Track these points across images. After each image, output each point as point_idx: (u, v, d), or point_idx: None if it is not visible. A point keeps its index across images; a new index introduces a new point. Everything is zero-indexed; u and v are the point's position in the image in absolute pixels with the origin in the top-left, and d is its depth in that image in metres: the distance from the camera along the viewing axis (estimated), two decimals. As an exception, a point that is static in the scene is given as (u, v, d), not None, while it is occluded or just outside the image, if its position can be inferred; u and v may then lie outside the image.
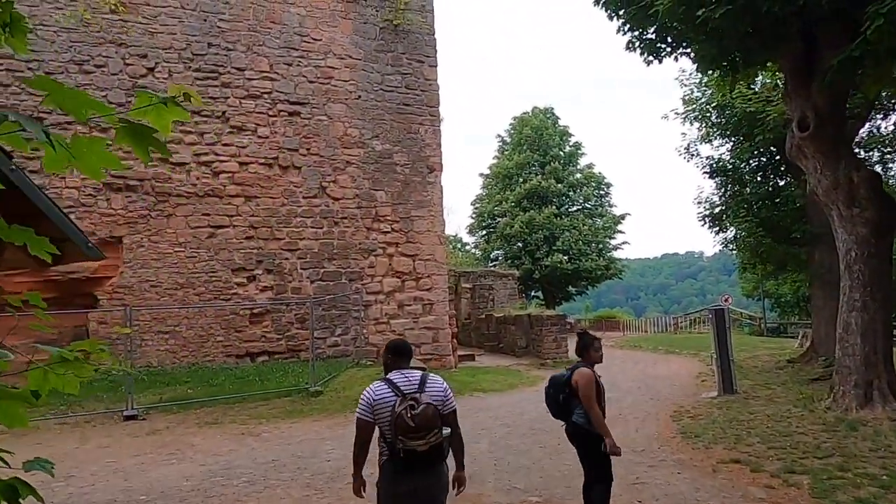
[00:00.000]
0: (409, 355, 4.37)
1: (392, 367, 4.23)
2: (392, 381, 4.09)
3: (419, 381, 4.13)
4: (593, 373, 5.33)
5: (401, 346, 4.38)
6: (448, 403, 4.14)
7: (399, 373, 4.18)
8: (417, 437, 3.87)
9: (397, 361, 4.27)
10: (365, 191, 16.01)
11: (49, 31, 13.56)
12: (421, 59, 16.87)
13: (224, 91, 14.86)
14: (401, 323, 16.06)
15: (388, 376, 4.15)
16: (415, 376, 4.19)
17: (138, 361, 13.76)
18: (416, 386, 4.08)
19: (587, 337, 5.64)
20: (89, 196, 13.69)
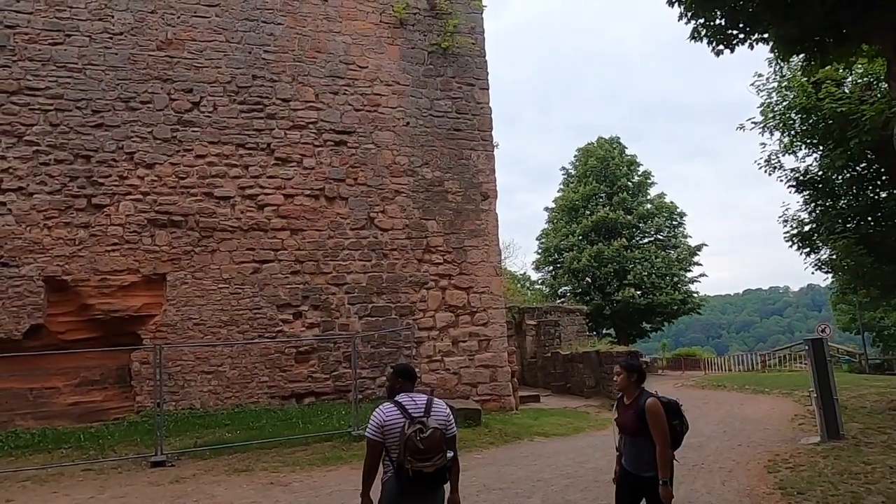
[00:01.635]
0: (414, 379, 4.53)
1: (399, 389, 4.38)
2: (401, 403, 4.28)
3: (425, 405, 4.33)
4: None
5: (407, 370, 4.55)
6: (450, 428, 4.30)
7: (407, 396, 4.36)
8: (426, 458, 4.06)
9: (404, 385, 4.43)
10: (415, 221, 15.18)
11: (97, 70, 13.56)
12: (471, 82, 16.11)
13: (269, 123, 14.48)
14: (455, 361, 14.94)
15: (397, 399, 4.34)
16: (421, 400, 4.37)
17: (181, 403, 13.20)
18: (422, 409, 4.28)
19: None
20: (134, 233, 13.41)
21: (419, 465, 4.07)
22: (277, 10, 14.84)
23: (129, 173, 13.51)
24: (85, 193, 13.23)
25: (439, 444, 4.17)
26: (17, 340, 12.50)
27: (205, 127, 14.05)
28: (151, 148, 13.68)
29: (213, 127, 14.09)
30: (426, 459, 4.11)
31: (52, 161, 13.10)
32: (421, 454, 4.10)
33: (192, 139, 13.92)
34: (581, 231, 37.11)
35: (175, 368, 13.27)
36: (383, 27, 15.60)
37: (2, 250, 12.64)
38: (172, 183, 13.74)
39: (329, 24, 15.18)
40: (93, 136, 13.37)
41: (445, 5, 15.94)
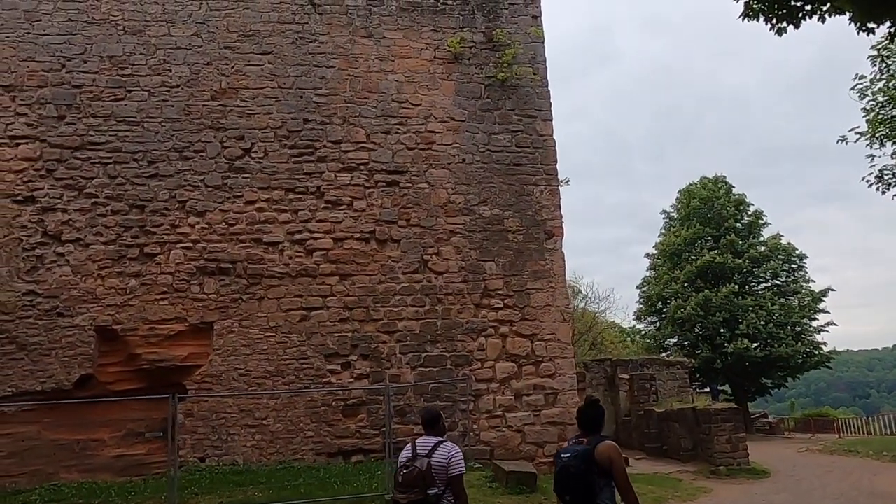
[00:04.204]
0: (432, 423, 5.44)
1: (424, 432, 5.43)
2: (415, 444, 5.30)
3: (431, 447, 5.17)
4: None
5: (425, 417, 5.54)
6: (452, 468, 5.07)
7: (424, 438, 5.36)
8: (402, 492, 5.01)
9: (425, 429, 5.43)
10: (472, 262, 14.07)
11: (154, 123, 13.80)
12: (532, 113, 15.06)
13: (319, 166, 14.09)
14: (519, 417, 13.42)
15: (415, 441, 5.37)
16: (431, 442, 5.25)
17: (224, 458, 12.57)
18: (427, 450, 5.15)
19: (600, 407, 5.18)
20: (183, 281, 13.23)
21: (398, 496, 5.07)
22: (329, 53, 14.64)
23: (181, 221, 13.45)
24: (138, 243, 13.26)
25: (415, 481, 4.98)
26: (68, 391, 12.45)
27: (255, 173, 13.85)
28: (203, 196, 13.61)
29: (263, 172, 13.87)
30: (402, 493, 5.03)
31: (108, 212, 13.29)
32: (399, 487, 5.08)
33: (242, 185, 13.75)
34: (685, 277, 34.30)
35: (218, 421, 12.74)
36: (437, 63, 15.00)
37: (58, 300, 12.80)
38: (222, 230, 13.54)
39: (381, 64, 14.78)
40: (147, 186, 13.49)
41: (503, 36, 15.14)
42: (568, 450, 4.91)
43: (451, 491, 5.09)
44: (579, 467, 4.65)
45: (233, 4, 14.57)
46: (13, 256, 12.86)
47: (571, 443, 4.99)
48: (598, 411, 5.03)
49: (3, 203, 13.05)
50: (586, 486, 4.62)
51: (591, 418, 4.97)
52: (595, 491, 4.61)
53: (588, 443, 4.79)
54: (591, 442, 4.79)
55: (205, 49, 14.25)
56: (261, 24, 14.55)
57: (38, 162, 13.32)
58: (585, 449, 4.70)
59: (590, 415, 4.98)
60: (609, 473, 4.65)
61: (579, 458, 4.69)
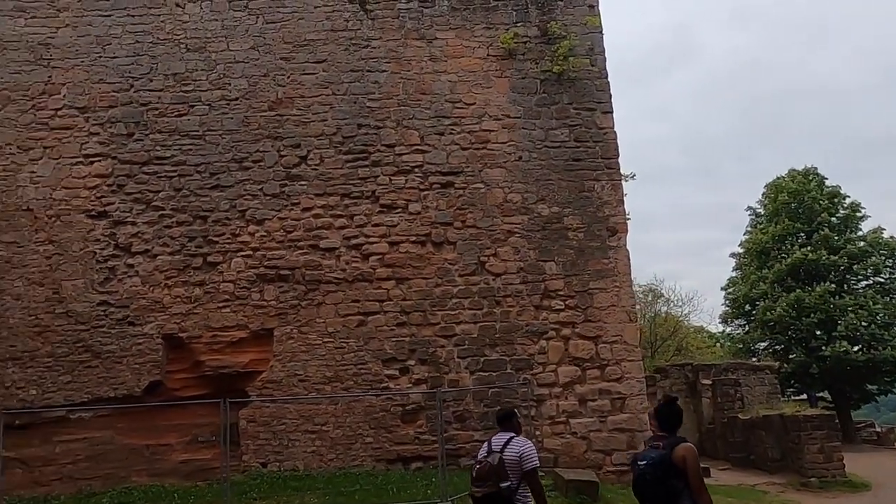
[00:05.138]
0: (505, 420, 6.02)
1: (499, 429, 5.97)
2: (490, 440, 5.84)
3: (504, 442, 5.61)
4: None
5: (499, 415, 6.22)
6: (526, 462, 5.44)
7: (500, 434, 5.84)
8: (476, 486, 5.41)
9: (500, 425, 6.03)
10: (531, 263, 13.59)
11: (215, 135, 14.17)
12: (591, 106, 14.45)
13: (374, 170, 14.04)
14: (583, 423, 12.78)
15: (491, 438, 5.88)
16: (504, 437, 5.72)
17: (285, 464, 12.64)
18: (500, 445, 5.59)
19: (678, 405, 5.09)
20: (244, 289, 13.46)
21: (474, 490, 5.38)
22: (381, 57, 14.61)
23: (241, 230, 13.71)
24: (201, 252, 13.60)
25: (488, 474, 5.26)
26: (138, 397, 12.88)
27: (311, 180, 13.96)
28: (261, 204, 13.83)
29: (319, 179, 13.96)
30: (476, 486, 5.35)
31: (174, 223, 13.71)
32: (474, 481, 5.42)
33: (299, 193, 13.88)
34: (774, 276, 32.20)
35: (279, 427, 12.83)
36: (490, 60, 14.67)
37: (129, 310, 13.30)
38: (280, 237, 13.69)
39: (433, 65, 14.61)
40: (209, 197, 13.84)
41: (558, 29, 14.64)
42: (644, 456, 4.87)
43: (528, 485, 5.42)
44: (656, 474, 4.63)
45: (287, 16, 14.80)
46: (88, 269, 13.48)
47: (648, 447, 4.99)
48: (675, 409, 4.98)
49: (78, 218, 13.73)
50: (665, 492, 4.61)
51: (668, 416, 4.92)
52: (674, 497, 4.58)
53: (664, 446, 4.74)
54: (667, 445, 4.74)
55: (261, 61, 14.53)
56: (314, 34, 14.70)
57: (110, 178, 13.93)
58: (661, 454, 4.66)
59: (667, 412, 4.94)
60: (684, 475, 4.60)
61: (656, 465, 4.67)
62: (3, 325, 13.13)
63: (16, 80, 14.32)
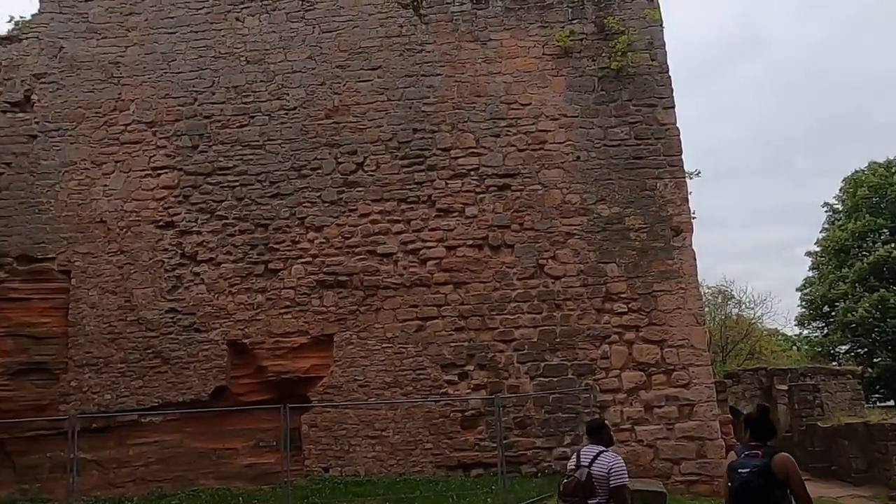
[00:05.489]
0: (596, 432, 5.79)
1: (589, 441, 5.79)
2: (579, 454, 5.67)
3: (593, 456, 5.44)
4: None
5: (589, 426, 5.97)
6: (614, 478, 5.26)
7: (589, 446, 5.67)
8: (564, 501, 5.37)
9: (590, 437, 5.80)
10: (591, 265, 13.23)
11: (275, 145, 14.44)
12: (652, 102, 13.97)
13: (430, 174, 13.99)
14: (649, 431, 12.31)
15: (580, 450, 5.74)
16: (593, 451, 5.54)
17: (346, 469, 12.71)
18: (589, 460, 5.42)
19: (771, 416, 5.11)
20: (304, 295, 13.63)
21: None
22: (436, 61, 14.56)
23: (301, 237, 13.90)
24: (263, 260, 13.87)
25: (575, 490, 5.22)
26: (205, 401, 13.21)
27: (368, 186, 14.03)
28: (320, 211, 13.99)
29: (375, 185, 14.02)
30: (564, 501, 5.32)
31: (236, 232, 14.04)
32: (562, 496, 5.38)
33: (356, 199, 13.97)
34: (855, 276, 30.47)
35: (340, 432, 12.92)
36: (546, 60, 14.40)
37: (195, 317, 13.68)
38: (339, 243, 13.81)
39: (488, 67, 14.45)
40: (270, 205, 14.10)
41: (616, 24, 14.23)
42: (744, 464, 4.79)
43: (614, 501, 5.29)
44: (760, 482, 4.62)
45: (343, 25, 14.96)
46: (157, 277, 13.95)
47: (743, 455, 4.88)
48: (770, 420, 5.01)
49: (147, 229, 14.24)
50: (766, 501, 4.61)
51: (762, 425, 4.93)
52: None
53: (763, 455, 4.74)
54: (765, 454, 4.74)
55: (318, 70, 14.72)
56: (369, 41, 14.79)
57: (176, 189, 14.40)
58: (763, 463, 4.66)
59: (761, 422, 4.94)
60: (785, 486, 4.62)
61: (758, 473, 4.65)
62: (79, 333, 13.75)
63: (89, 98, 15.00)
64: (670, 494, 10.86)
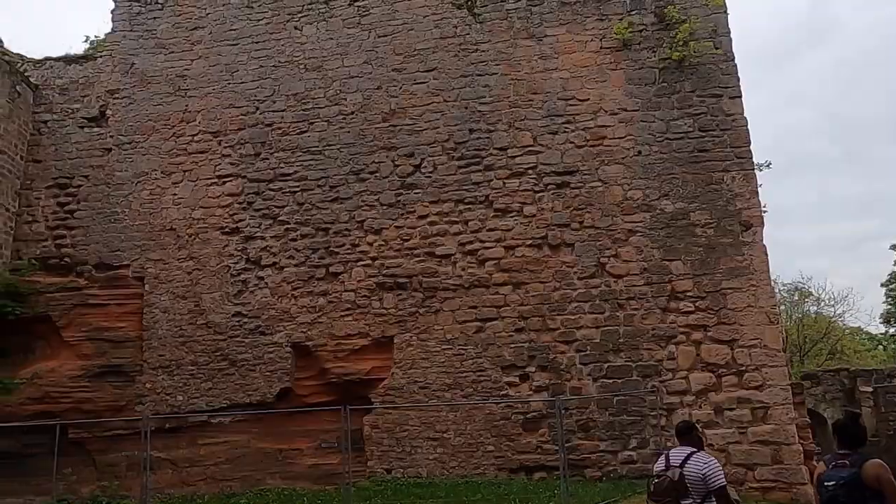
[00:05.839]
0: (685, 433, 5.70)
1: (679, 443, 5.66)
2: (668, 455, 5.54)
3: (684, 457, 5.35)
4: None
5: (683, 427, 5.83)
6: (711, 480, 5.18)
7: (679, 448, 5.57)
8: (654, 499, 5.27)
9: (679, 439, 5.70)
10: (655, 263, 12.80)
11: (333, 150, 14.65)
12: (717, 92, 13.40)
13: (487, 174, 13.88)
14: (720, 434, 11.76)
15: (668, 452, 5.64)
16: (685, 452, 5.44)
17: (408, 471, 12.73)
18: (680, 460, 5.33)
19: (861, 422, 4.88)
20: (364, 297, 13.76)
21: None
22: (491, 60, 14.44)
23: (360, 240, 14.04)
24: (324, 263, 14.09)
25: (667, 491, 5.13)
26: (270, 403, 13.52)
27: (425, 187, 14.04)
28: (378, 214, 14.10)
29: (433, 186, 14.01)
30: (655, 500, 5.23)
31: (298, 236, 14.32)
32: (652, 496, 5.29)
33: (414, 201, 14.00)
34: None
35: (402, 433, 12.95)
36: (604, 53, 14.05)
37: (260, 320, 14.02)
38: (397, 246, 13.88)
39: (544, 63, 14.22)
40: (330, 209, 14.32)
41: (676, 13, 13.74)
42: (831, 476, 4.61)
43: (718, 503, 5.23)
44: (851, 496, 4.42)
45: (398, 28, 15.05)
46: (224, 282, 14.38)
47: (831, 466, 4.71)
48: (861, 426, 4.84)
49: (214, 235, 14.70)
50: None
51: (852, 432, 4.73)
52: None
53: (851, 465, 4.54)
54: (854, 463, 4.53)
55: (374, 74, 14.86)
56: (424, 43, 14.83)
57: (241, 196, 14.81)
58: (851, 473, 4.46)
59: (851, 428, 4.75)
60: (881, 495, 4.38)
61: (847, 486, 4.45)
62: (153, 336, 14.32)
63: (158, 111, 15.64)
64: (745, 501, 10.34)
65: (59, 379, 13.97)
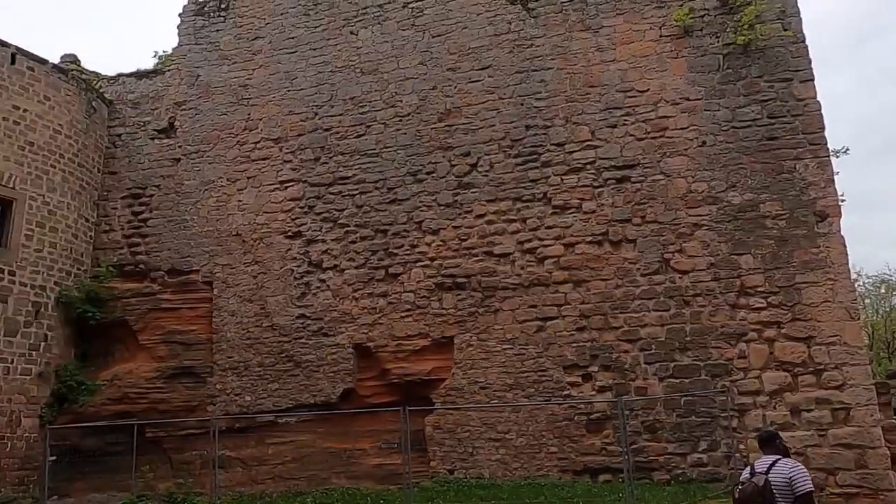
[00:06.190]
0: (768, 442, 5.60)
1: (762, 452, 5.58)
2: (752, 464, 5.58)
3: (769, 465, 5.28)
4: None
5: (765, 436, 5.75)
6: (798, 485, 5.09)
7: (764, 457, 5.48)
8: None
9: (762, 448, 5.62)
10: (723, 257, 12.27)
11: (390, 151, 14.75)
12: (787, 76, 12.71)
13: (544, 171, 13.65)
14: (798, 437, 11.13)
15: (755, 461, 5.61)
16: (770, 459, 5.36)
17: (470, 471, 12.68)
18: (764, 468, 5.26)
19: None
20: (423, 298, 13.79)
21: None
22: (546, 55, 14.20)
23: (418, 241, 14.09)
24: (383, 265, 14.20)
25: (752, 497, 5.06)
26: (334, 403, 13.74)
27: (482, 186, 13.95)
28: (436, 214, 14.10)
29: (490, 185, 13.91)
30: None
31: (357, 239, 14.50)
32: (737, 502, 5.21)
33: (471, 200, 13.94)
34: None
35: (463, 434, 12.91)
36: (664, 42, 13.58)
37: (323, 322, 14.27)
38: (455, 246, 13.84)
39: (601, 55, 13.87)
40: (388, 211, 14.43)
41: (741, -5, 13.14)
42: None
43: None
44: None
45: (452, 27, 15.01)
46: (287, 285, 14.71)
47: None
48: None
49: (278, 239, 15.07)
50: None
51: None
52: None
53: None
54: None
55: (429, 75, 14.88)
56: (478, 41, 14.74)
57: (302, 201, 15.12)
58: None
59: None
60: None
61: None
62: (222, 339, 14.79)
63: (223, 120, 16.16)
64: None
65: (137, 380, 14.64)
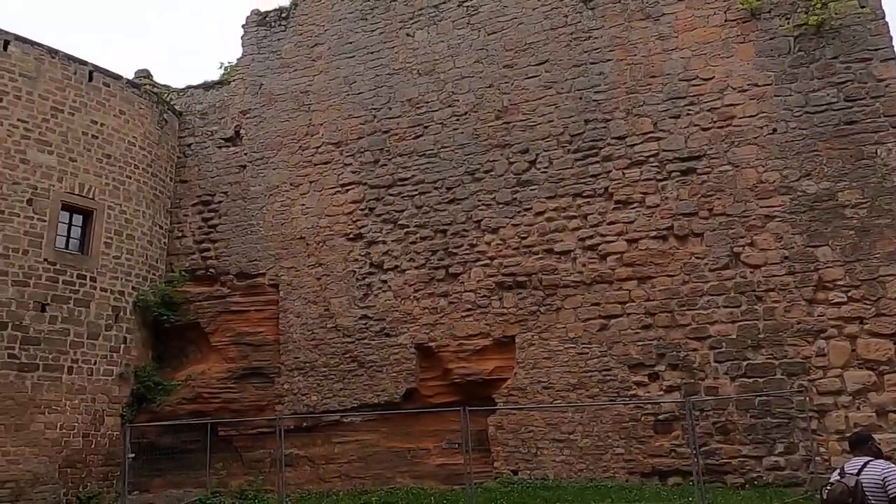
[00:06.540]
0: (859, 444, 5.33)
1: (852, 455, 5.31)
2: (843, 466, 5.26)
3: (860, 466, 5.03)
4: None
5: (856, 438, 5.45)
6: (892, 487, 4.81)
7: (854, 459, 5.19)
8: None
9: (853, 451, 5.35)
10: (798, 250, 11.63)
11: (448, 151, 14.75)
12: (865, 56, 11.93)
13: (605, 165, 13.33)
14: (886, 440, 10.26)
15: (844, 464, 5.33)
16: (861, 461, 5.10)
17: (535, 472, 12.51)
18: (855, 470, 5.02)
19: None
20: (484, 297, 13.71)
21: None
22: (605, 47, 13.87)
23: (478, 240, 14.01)
24: (443, 264, 14.21)
25: (840, 497, 4.90)
26: (397, 403, 13.83)
27: (541, 183, 13.75)
28: (495, 213, 14.00)
29: (549, 182, 13.69)
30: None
31: (417, 239, 14.56)
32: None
33: (530, 198, 13.76)
34: None
35: (526, 434, 12.76)
36: (729, 26, 13.00)
37: (385, 322, 14.40)
38: (515, 244, 13.70)
39: (662, 44, 13.42)
40: (447, 210, 14.42)
41: (813, -27, 12.44)
42: None
43: None
44: None
45: (507, 24, 14.87)
46: (350, 286, 14.92)
47: None
48: None
49: (340, 242, 15.31)
50: None
51: None
52: None
53: None
54: None
55: (485, 73, 14.78)
56: (534, 36, 14.54)
57: (363, 203, 15.31)
58: None
59: None
60: None
61: None
62: (288, 340, 15.15)
63: (285, 127, 16.55)
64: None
65: (209, 381, 15.18)
